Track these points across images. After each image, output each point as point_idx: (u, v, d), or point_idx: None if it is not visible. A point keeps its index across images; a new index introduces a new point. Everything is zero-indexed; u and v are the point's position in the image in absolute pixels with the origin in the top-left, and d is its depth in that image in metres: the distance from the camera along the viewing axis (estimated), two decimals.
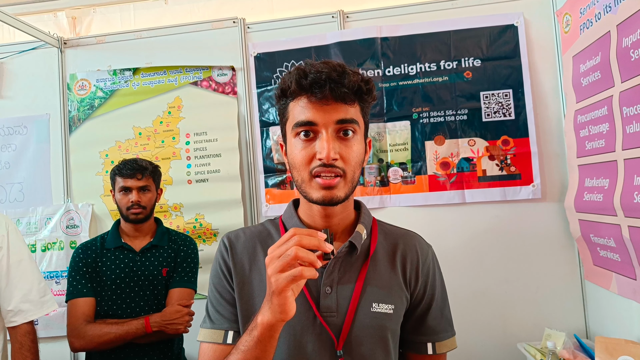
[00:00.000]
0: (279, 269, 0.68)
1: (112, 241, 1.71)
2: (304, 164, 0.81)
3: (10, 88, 2.23)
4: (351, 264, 0.89)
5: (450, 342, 0.96)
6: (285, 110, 0.86)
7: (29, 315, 1.40)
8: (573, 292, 1.83)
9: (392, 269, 0.92)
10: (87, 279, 1.64)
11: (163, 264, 1.70)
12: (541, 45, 1.90)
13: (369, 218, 0.96)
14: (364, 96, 0.84)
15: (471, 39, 1.94)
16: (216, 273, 0.93)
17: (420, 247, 0.97)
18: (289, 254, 0.68)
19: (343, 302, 0.86)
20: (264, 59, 2.07)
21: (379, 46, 1.98)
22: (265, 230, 0.97)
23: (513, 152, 1.89)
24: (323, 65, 0.81)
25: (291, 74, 0.82)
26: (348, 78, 0.80)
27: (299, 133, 0.82)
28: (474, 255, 1.90)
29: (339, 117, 0.80)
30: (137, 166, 1.69)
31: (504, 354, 1.81)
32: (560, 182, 1.87)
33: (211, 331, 0.89)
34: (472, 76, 1.93)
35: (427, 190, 1.94)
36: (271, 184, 2.05)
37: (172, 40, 2.14)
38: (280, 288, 0.68)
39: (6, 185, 2.19)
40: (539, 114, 1.89)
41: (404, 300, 0.91)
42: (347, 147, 0.81)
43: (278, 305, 0.70)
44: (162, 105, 2.13)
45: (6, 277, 1.39)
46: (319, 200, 0.81)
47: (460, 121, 1.93)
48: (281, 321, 0.72)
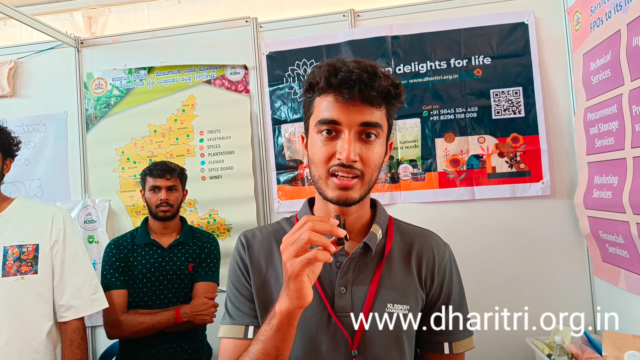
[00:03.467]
0: (293, 253, 0.69)
1: (141, 238, 1.81)
2: (323, 162, 0.81)
3: (29, 87, 2.29)
4: (366, 264, 0.89)
5: (468, 342, 0.95)
6: (311, 105, 0.85)
7: (79, 312, 1.41)
8: (582, 288, 1.85)
9: (407, 269, 0.91)
10: (120, 273, 1.74)
11: (189, 259, 1.80)
12: (551, 43, 1.91)
13: (385, 217, 0.96)
14: (392, 100, 0.83)
15: (481, 37, 1.94)
16: (234, 271, 0.94)
17: (436, 246, 0.96)
18: (302, 239, 0.68)
19: (358, 302, 0.86)
20: (275, 57, 2.10)
21: (389, 44, 2.00)
22: (282, 228, 0.98)
23: (523, 149, 1.90)
24: (355, 64, 0.79)
25: (321, 69, 0.81)
26: (379, 82, 0.78)
27: (321, 130, 0.81)
28: (483, 251, 1.92)
29: (364, 119, 0.79)
30: (166, 167, 1.80)
31: (512, 348, 1.82)
32: (569, 179, 1.88)
33: (232, 327, 0.89)
34: (482, 74, 1.94)
35: (436, 187, 1.96)
36: (283, 180, 2.08)
37: (186, 39, 2.18)
38: (296, 272, 0.69)
39: (26, 181, 2.26)
40: (549, 111, 1.90)
41: (419, 300, 0.91)
42: (367, 150, 0.81)
43: (295, 290, 0.70)
44: (177, 104, 2.17)
45: (60, 271, 1.40)
46: (334, 199, 0.81)
47: (470, 119, 1.95)
48: (299, 307, 0.72)
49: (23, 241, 1.36)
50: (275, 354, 0.76)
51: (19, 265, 1.32)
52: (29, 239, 1.36)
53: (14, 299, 1.31)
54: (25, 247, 1.35)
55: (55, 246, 1.40)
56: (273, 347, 0.75)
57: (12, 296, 1.31)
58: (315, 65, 0.85)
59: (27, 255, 1.34)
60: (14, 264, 1.32)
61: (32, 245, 1.36)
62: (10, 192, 2.25)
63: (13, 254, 1.33)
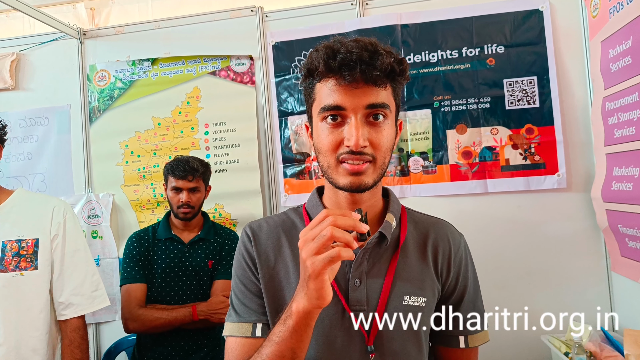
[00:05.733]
0: (314, 250, 0.64)
1: (163, 232, 1.80)
2: (331, 150, 0.77)
3: (31, 80, 2.25)
4: (380, 255, 0.85)
5: (483, 335, 0.92)
6: (312, 91, 0.81)
7: (79, 310, 1.35)
8: (599, 283, 1.79)
9: (423, 260, 0.88)
10: (140, 266, 1.74)
11: (209, 256, 1.78)
12: (567, 31, 1.84)
13: (398, 206, 0.92)
14: (397, 77, 0.78)
15: (494, 24, 1.88)
16: (240, 265, 0.90)
17: (452, 236, 0.93)
18: (324, 235, 0.64)
19: (373, 295, 0.83)
20: (282, 47, 2.05)
21: (399, 33, 1.95)
22: (289, 219, 0.93)
23: (537, 140, 1.84)
24: (354, 43, 0.74)
25: (319, 53, 0.76)
26: (381, 60, 0.73)
27: (326, 117, 0.77)
28: (496, 246, 1.86)
29: (370, 101, 0.74)
30: (189, 168, 1.74)
31: (527, 346, 1.77)
32: (586, 171, 1.82)
33: (238, 324, 0.85)
34: (495, 63, 1.88)
35: (448, 180, 1.91)
36: (290, 174, 2.04)
37: (191, 29, 2.13)
38: (318, 271, 0.64)
39: (29, 175, 2.22)
40: (565, 101, 1.84)
41: (436, 292, 0.87)
42: (377, 133, 0.76)
43: (315, 290, 0.66)
44: (181, 96, 2.12)
45: (60, 266, 1.34)
46: (346, 186, 0.77)
47: (483, 109, 1.89)
48: (318, 307, 0.68)
49: (22, 235, 1.30)
50: (291, 356, 0.72)
51: (18, 260, 1.27)
52: (28, 234, 1.31)
53: (11, 296, 1.26)
54: (25, 241, 1.30)
55: (55, 240, 1.34)
56: (288, 348, 0.71)
57: (9, 293, 1.25)
58: (313, 49, 0.80)
59: (26, 251, 1.29)
60: (12, 259, 1.27)
61: (32, 240, 1.31)
62: (13, 186, 2.21)
63: (12, 249, 1.28)
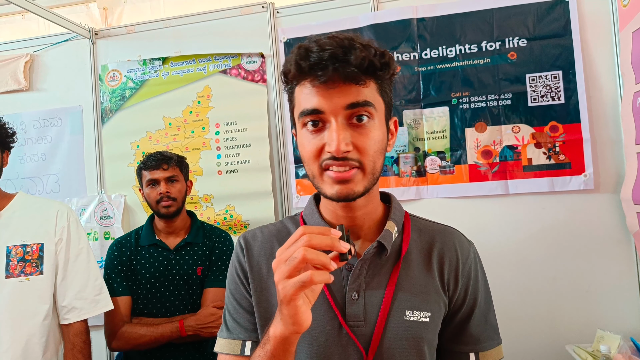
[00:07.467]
0: (285, 274, 0.60)
1: (146, 238, 1.68)
2: (313, 158, 0.71)
3: (45, 80, 2.25)
4: (380, 266, 0.79)
5: (496, 352, 0.84)
6: (292, 97, 0.75)
7: (82, 314, 1.34)
8: (629, 290, 1.68)
9: (428, 271, 0.81)
10: (123, 277, 1.63)
11: (198, 262, 1.66)
12: (595, 22, 1.74)
13: (401, 213, 0.86)
14: (379, 72, 0.71)
15: (516, 16, 1.79)
16: (232, 278, 0.86)
17: (460, 245, 0.85)
18: (295, 257, 0.59)
19: (372, 309, 0.77)
20: (293, 44, 1.98)
21: (415, 27, 1.87)
22: (285, 228, 0.88)
23: (562, 139, 1.75)
24: (328, 41, 0.68)
25: (292, 55, 0.70)
26: (355, 54, 0.66)
27: (306, 123, 0.71)
28: (518, 250, 1.78)
29: (349, 101, 0.68)
30: (161, 157, 1.66)
31: (550, 356, 1.69)
32: (615, 171, 1.72)
33: (228, 341, 0.82)
34: (516, 57, 1.79)
35: (467, 180, 1.83)
36: (302, 174, 1.99)
37: (201, 27, 2.10)
38: (289, 296, 0.60)
39: (43, 176, 2.23)
40: (592, 97, 1.74)
41: (442, 306, 0.81)
42: (362, 135, 0.70)
43: (288, 315, 0.62)
44: (192, 95, 2.09)
45: (63, 270, 1.33)
46: (334, 196, 0.71)
47: (504, 106, 1.80)
48: (295, 333, 0.63)
49: (27, 240, 1.29)
50: None
51: (24, 265, 1.27)
52: (33, 238, 1.30)
53: (17, 301, 1.25)
54: (30, 246, 1.29)
55: (59, 245, 1.33)
56: None
57: (16, 298, 1.25)
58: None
59: (31, 255, 1.28)
60: (17, 264, 1.26)
61: (37, 245, 1.30)
62: (28, 188, 2.24)
63: (17, 254, 1.27)
